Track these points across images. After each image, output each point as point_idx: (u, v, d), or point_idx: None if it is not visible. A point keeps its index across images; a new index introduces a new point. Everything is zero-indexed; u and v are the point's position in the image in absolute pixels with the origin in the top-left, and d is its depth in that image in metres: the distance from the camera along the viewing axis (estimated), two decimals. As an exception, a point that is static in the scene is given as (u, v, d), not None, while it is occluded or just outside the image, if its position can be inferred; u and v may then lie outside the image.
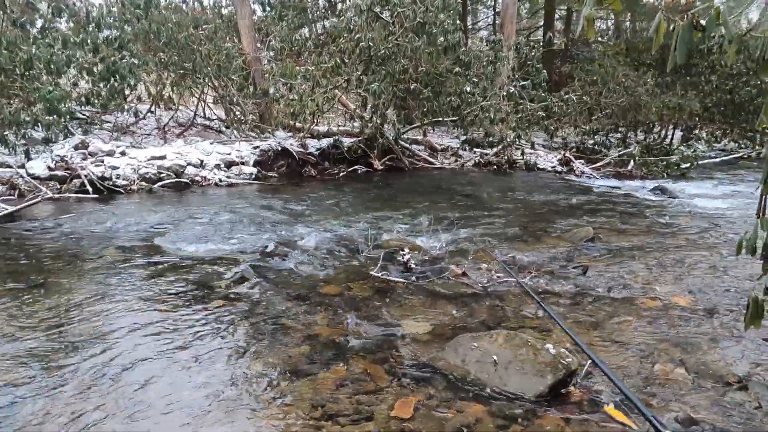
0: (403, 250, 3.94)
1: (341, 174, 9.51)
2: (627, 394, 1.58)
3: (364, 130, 9.75)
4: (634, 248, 4.44)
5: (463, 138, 10.38)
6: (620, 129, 12.43)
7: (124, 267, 3.85)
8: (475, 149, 11.01)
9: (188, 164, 8.35)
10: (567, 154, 10.22)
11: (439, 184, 8.65)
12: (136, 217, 5.61)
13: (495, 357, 2.26)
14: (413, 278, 3.62)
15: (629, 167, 10.85)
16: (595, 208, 6.38)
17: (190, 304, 3.14)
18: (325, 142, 10.22)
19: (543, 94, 8.68)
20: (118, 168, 7.83)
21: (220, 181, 8.29)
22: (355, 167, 9.89)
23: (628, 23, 18.78)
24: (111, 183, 7.48)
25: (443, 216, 5.75)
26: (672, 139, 15.44)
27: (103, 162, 7.82)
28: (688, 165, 10.82)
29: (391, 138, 9.90)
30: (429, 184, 8.59)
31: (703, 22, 1.67)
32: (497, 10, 18.91)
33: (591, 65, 11.42)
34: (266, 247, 4.35)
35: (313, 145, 10.21)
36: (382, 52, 7.80)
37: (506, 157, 10.05)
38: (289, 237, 4.79)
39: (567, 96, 9.40)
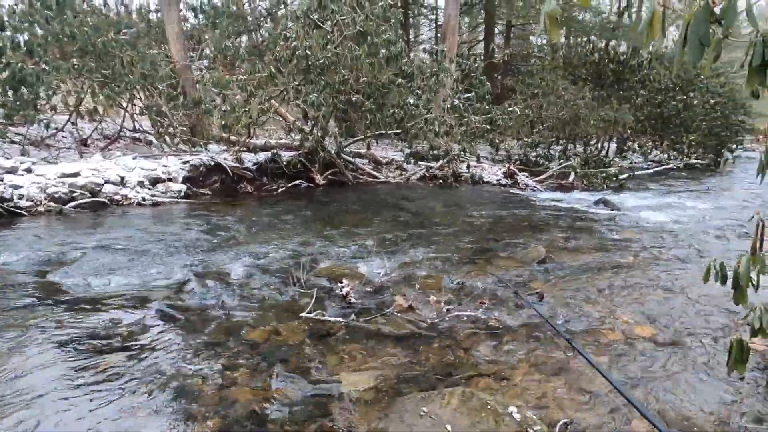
0: (341, 282, 3.48)
1: (280, 190, 8.93)
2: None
3: (304, 143, 9.25)
4: (588, 269, 4.22)
5: (407, 151, 10.09)
6: (561, 141, 12.63)
7: None
8: (420, 162, 10.76)
9: (106, 182, 7.50)
10: (511, 167, 10.17)
11: (383, 199, 8.28)
12: (34, 246, 4.80)
13: (449, 427, 1.85)
14: (353, 316, 3.16)
15: (570, 179, 10.98)
16: (543, 224, 6.21)
17: (72, 363, 2.52)
18: (262, 156, 9.61)
19: (487, 107, 8.55)
20: (21, 187, 6.87)
21: (144, 200, 7.49)
22: (296, 182, 9.35)
23: (563, 39, 19.44)
24: (12, 204, 6.54)
25: (388, 236, 5.36)
26: (608, 151, 15.99)
27: (2, 180, 6.85)
28: (625, 176, 11.10)
29: (333, 151, 9.45)
30: (373, 200, 8.19)
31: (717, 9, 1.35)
32: (439, 23, 19.04)
33: (532, 78, 11.52)
34: (184, 280, 3.75)
35: (249, 159, 9.57)
36: (321, 61, 7.36)
37: (452, 171, 9.85)
38: (213, 266, 4.20)
39: (510, 108, 9.35)
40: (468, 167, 9.47)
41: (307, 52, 6.98)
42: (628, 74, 14.82)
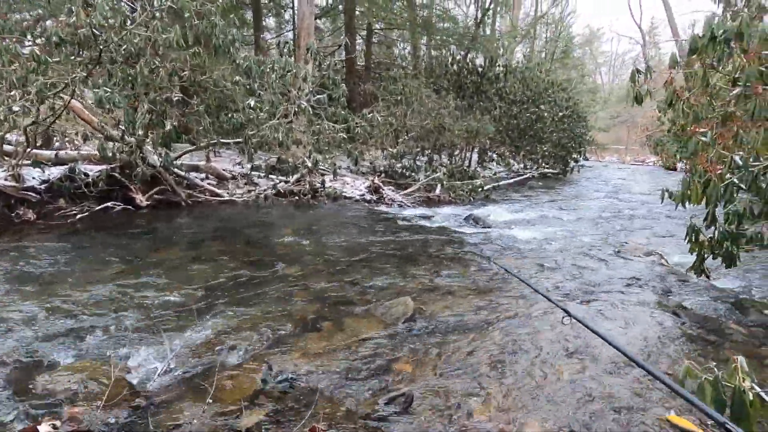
0: (56, 426, 1.87)
1: (81, 215, 6.75)
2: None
3: (117, 154, 7.16)
4: (468, 328, 3.14)
5: (248, 165, 8.53)
6: (426, 152, 12.05)
7: None
8: (272, 176, 9.23)
9: None
10: (376, 181, 9.15)
11: (223, 225, 6.61)
12: None
13: None
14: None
15: (437, 191, 10.36)
16: (411, 253, 5.13)
17: None
18: (56, 172, 7.29)
19: (343, 112, 7.36)
20: None
21: None
22: (108, 204, 7.21)
23: (424, 48, 19.42)
24: None
25: (209, 284, 3.80)
26: (470, 161, 16.03)
27: None
28: (490, 187, 10.80)
29: (158, 164, 7.48)
30: (209, 227, 6.48)
31: None
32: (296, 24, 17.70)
33: (394, 84, 10.70)
34: None
35: (36, 176, 7.19)
36: (124, 46, 5.50)
37: (308, 186, 8.50)
38: None
39: (371, 114, 8.29)
40: (323, 183, 8.18)
41: (94, 30, 5.07)
42: (486, 86, 14.96)
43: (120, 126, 7.24)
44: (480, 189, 10.56)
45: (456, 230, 6.53)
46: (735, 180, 3.17)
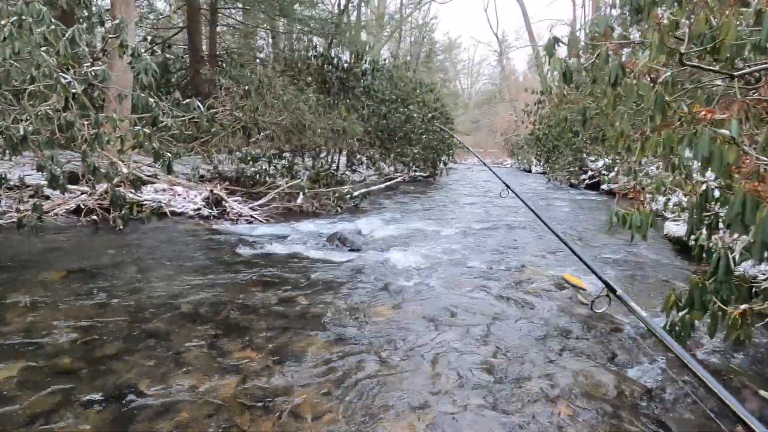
0: None
1: None
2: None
3: None
4: None
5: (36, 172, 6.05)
6: (285, 154, 10.29)
7: None
8: (71, 186, 6.73)
9: None
10: (216, 190, 7.17)
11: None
12: None
13: None
14: None
15: (299, 201, 8.71)
16: (241, 312, 3.40)
17: None
18: None
19: (152, 100, 5.22)
20: None
21: None
22: None
23: (284, 42, 17.54)
24: None
25: None
26: (338, 164, 14.63)
27: None
28: (359, 194, 9.44)
29: None
30: None
31: None
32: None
33: (240, 71, 8.75)
34: None
35: None
36: None
37: (117, 199, 6.22)
38: None
39: (206, 106, 6.29)
40: (126, 200, 5.97)
41: None
42: (353, 82, 13.69)
43: None
44: (349, 196, 9.14)
45: (315, 258, 4.95)
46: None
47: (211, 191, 7.05)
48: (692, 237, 2.32)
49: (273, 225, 7.14)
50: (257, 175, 9.16)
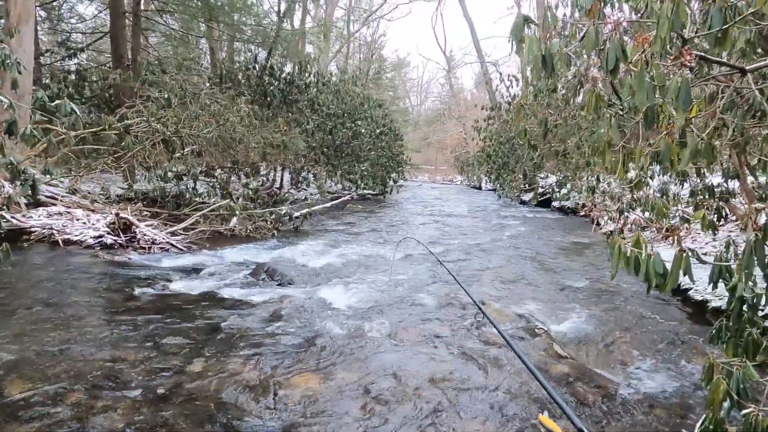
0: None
1: None
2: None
3: None
4: None
5: None
6: (218, 171, 9.25)
7: None
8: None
9: None
10: (124, 214, 6.06)
11: None
12: None
13: None
14: None
15: (231, 223, 7.70)
16: (108, 384, 2.44)
17: None
18: None
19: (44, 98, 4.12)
20: None
21: None
22: None
23: (224, 53, 16.47)
24: None
25: None
26: (282, 183, 13.64)
27: None
28: (302, 214, 8.52)
29: None
30: None
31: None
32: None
33: (161, 76, 7.70)
34: None
35: None
36: None
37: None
38: None
39: (118, 117, 5.24)
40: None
41: None
42: (296, 94, 12.83)
43: None
44: (288, 218, 8.21)
45: (232, 298, 4.01)
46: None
47: (117, 215, 5.93)
48: (730, 287, 1.63)
49: (195, 253, 6.11)
50: (181, 196, 8.07)
